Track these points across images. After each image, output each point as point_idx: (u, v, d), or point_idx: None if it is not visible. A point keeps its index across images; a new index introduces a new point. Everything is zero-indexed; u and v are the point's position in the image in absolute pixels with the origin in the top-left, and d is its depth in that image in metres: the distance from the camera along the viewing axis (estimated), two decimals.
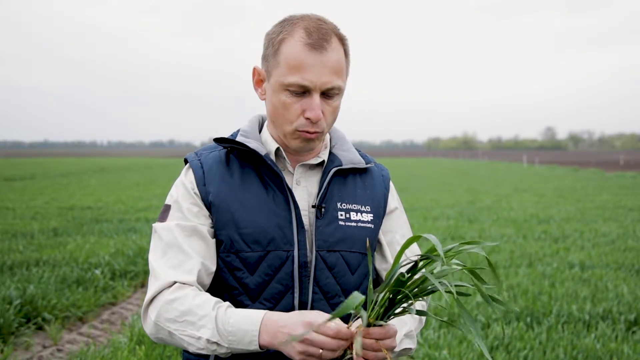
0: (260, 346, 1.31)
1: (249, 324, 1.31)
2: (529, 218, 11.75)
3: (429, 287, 1.23)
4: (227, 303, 1.39)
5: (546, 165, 45.97)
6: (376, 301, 1.26)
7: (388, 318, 1.27)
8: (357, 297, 1.14)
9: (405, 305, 1.26)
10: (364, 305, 1.28)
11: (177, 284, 1.41)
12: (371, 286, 1.27)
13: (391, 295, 1.24)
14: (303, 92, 1.43)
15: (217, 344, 1.33)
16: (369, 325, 1.25)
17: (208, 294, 1.41)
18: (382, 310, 1.25)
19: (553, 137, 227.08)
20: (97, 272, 6.37)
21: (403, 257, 1.59)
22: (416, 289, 1.24)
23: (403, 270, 1.25)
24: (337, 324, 1.25)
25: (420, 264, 1.25)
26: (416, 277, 1.24)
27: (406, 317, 1.47)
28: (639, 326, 4.88)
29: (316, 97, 1.42)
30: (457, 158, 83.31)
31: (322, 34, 1.42)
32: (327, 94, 1.44)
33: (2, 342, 4.47)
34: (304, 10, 1.49)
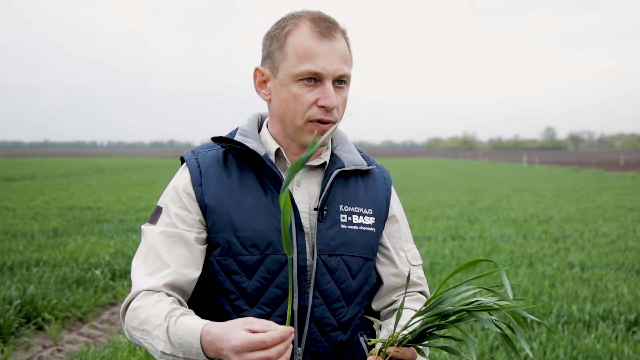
0: (208, 358, 1.28)
1: (191, 336, 1.28)
2: (529, 218, 11.74)
3: (468, 320, 1.23)
4: (181, 311, 1.34)
5: (546, 166, 45.95)
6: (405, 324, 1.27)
7: (424, 340, 1.28)
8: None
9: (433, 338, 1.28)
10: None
11: (143, 292, 1.39)
12: (401, 311, 1.29)
13: (427, 323, 1.26)
14: (315, 81, 1.41)
15: (173, 355, 1.31)
16: (399, 344, 1.27)
17: (168, 301, 1.37)
18: (412, 334, 1.26)
19: (553, 137, 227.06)
20: (97, 272, 6.36)
21: (407, 267, 1.60)
22: (453, 319, 1.25)
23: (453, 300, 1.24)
24: (269, 334, 1.19)
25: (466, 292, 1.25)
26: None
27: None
28: (639, 326, 4.88)
29: (329, 85, 1.41)
30: (457, 158, 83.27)
31: (329, 23, 1.43)
32: (338, 83, 1.44)
33: (2, 342, 4.47)
34: (303, 8, 1.50)
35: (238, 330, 1.21)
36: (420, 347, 1.32)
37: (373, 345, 1.35)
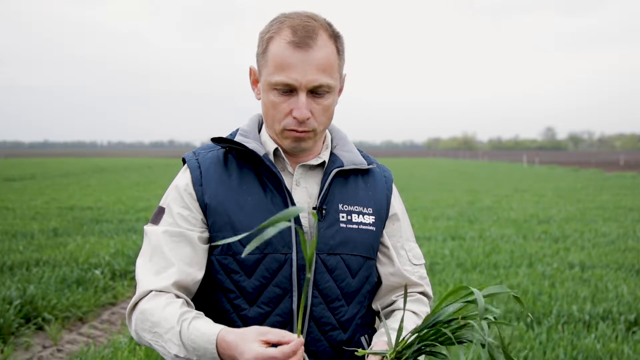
0: None
1: (206, 341, 1.29)
2: (529, 218, 11.74)
3: (463, 338, 1.23)
4: (193, 314, 1.36)
5: (546, 166, 45.96)
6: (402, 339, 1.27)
7: (415, 356, 1.28)
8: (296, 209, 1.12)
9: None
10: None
11: (152, 292, 1.40)
12: (402, 324, 1.28)
13: (422, 339, 1.26)
14: (290, 90, 1.41)
15: (187, 358, 1.32)
16: None
17: (179, 303, 1.38)
18: (413, 349, 1.26)
19: (553, 137, 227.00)
20: (97, 272, 6.36)
21: (409, 267, 1.61)
22: (447, 336, 1.24)
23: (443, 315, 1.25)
24: (281, 348, 1.21)
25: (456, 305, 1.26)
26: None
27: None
28: (639, 326, 4.88)
29: (302, 96, 1.41)
30: (457, 158, 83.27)
31: (307, 32, 1.40)
32: (316, 92, 1.42)
33: (2, 342, 4.47)
34: (302, 9, 1.49)
35: (252, 343, 1.24)
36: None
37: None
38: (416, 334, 1.26)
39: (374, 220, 1.56)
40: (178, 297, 1.41)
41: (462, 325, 1.22)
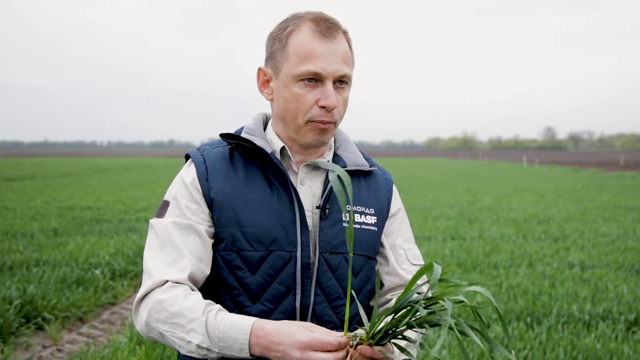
0: (251, 354, 1.30)
1: (238, 331, 1.29)
2: (529, 218, 11.74)
3: (435, 320, 1.20)
4: (218, 306, 1.37)
5: (546, 166, 45.97)
6: (378, 322, 1.25)
7: (388, 339, 1.25)
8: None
9: (405, 333, 1.25)
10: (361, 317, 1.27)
11: (168, 283, 1.39)
12: (377, 308, 1.26)
13: (397, 322, 1.23)
14: (316, 81, 1.43)
15: (208, 349, 1.32)
16: (370, 344, 1.23)
17: (199, 295, 1.39)
18: (383, 331, 1.24)
19: (553, 137, 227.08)
20: (97, 272, 6.36)
21: (407, 266, 1.60)
22: (419, 319, 1.21)
23: (417, 297, 1.22)
24: (336, 336, 1.23)
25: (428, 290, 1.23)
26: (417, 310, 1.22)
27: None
28: (639, 326, 4.88)
29: (329, 85, 1.42)
30: (457, 158, 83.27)
31: (330, 23, 1.45)
32: (339, 83, 1.45)
33: (2, 342, 4.47)
34: (306, 9, 1.52)
35: (302, 329, 1.25)
36: (404, 346, 1.30)
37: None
38: (391, 317, 1.24)
39: (375, 220, 1.57)
40: (193, 290, 1.41)
41: (432, 305, 1.19)
